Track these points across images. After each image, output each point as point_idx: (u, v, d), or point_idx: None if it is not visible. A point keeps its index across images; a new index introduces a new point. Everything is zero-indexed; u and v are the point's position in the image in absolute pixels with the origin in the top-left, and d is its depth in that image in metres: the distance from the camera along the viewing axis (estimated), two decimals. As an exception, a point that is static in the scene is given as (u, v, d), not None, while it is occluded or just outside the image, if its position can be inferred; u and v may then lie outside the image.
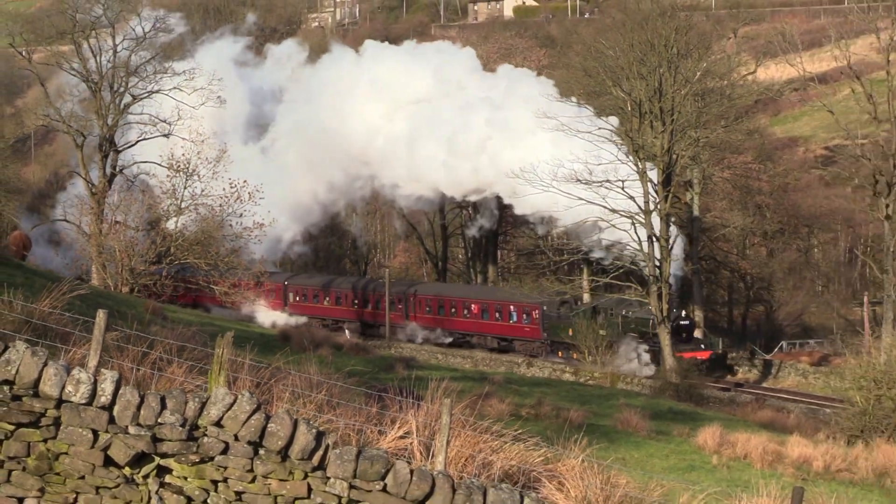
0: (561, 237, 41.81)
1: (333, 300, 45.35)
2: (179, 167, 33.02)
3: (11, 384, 6.07)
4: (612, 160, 32.83)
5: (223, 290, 33.10)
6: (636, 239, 34.37)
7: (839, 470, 16.80)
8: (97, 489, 6.13)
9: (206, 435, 6.02)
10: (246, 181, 34.35)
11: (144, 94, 34.60)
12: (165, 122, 33.66)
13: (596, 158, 32.76)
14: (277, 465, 6.01)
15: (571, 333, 35.68)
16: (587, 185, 33.18)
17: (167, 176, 33.59)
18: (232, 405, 6.02)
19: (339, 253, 58.74)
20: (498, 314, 40.37)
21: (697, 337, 37.03)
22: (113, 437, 6.03)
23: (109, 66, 34.72)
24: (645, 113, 34.82)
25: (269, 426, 6.00)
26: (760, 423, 22.31)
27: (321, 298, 45.78)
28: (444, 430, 6.26)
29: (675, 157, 35.33)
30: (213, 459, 6.03)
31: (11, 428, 6.09)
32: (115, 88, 34.67)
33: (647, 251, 34.19)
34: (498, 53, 55.03)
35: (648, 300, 34.49)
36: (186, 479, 6.08)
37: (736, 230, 45.47)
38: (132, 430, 6.01)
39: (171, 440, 6.00)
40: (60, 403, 6.06)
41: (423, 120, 45.01)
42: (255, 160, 46.61)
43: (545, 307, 38.38)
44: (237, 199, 33.82)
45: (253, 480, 6.05)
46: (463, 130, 43.12)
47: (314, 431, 6.04)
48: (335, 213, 52.33)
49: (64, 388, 6.04)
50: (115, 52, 34.92)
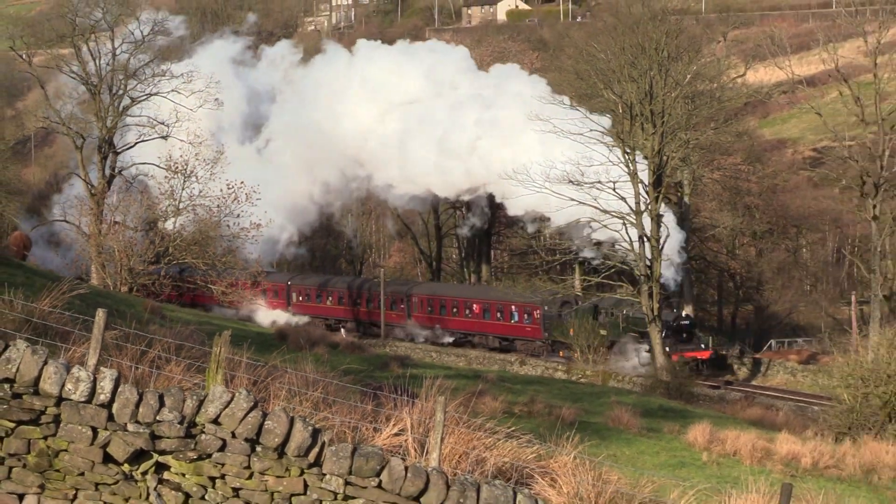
0: (553, 237, 41.92)
1: (336, 300, 45.26)
2: (177, 168, 32.98)
3: (12, 382, 6.11)
4: (603, 161, 33.00)
5: (221, 289, 33.05)
6: (627, 239, 34.56)
7: (827, 466, 16.95)
8: (96, 486, 6.16)
9: (203, 432, 6.06)
10: (243, 182, 34.33)
11: (143, 96, 34.74)
12: (164, 123, 33.75)
13: (588, 160, 32.91)
14: (274, 461, 6.04)
15: (572, 333, 35.63)
16: (579, 186, 33.34)
17: (165, 177, 33.59)
18: (229, 403, 6.05)
19: (334, 253, 58.69)
20: (499, 314, 40.24)
21: (698, 336, 37.08)
22: (112, 434, 6.07)
23: (108, 68, 34.88)
24: (636, 115, 35.01)
25: (265, 424, 6.03)
26: (750, 420, 22.43)
27: (324, 298, 45.70)
28: (438, 427, 6.31)
29: (665, 158, 35.53)
30: (210, 456, 6.07)
31: (12, 425, 6.12)
32: (114, 91, 34.81)
33: (638, 251, 34.41)
34: (491, 57, 55.22)
35: (639, 299, 34.69)
36: (184, 475, 6.12)
37: (726, 230, 45.73)
38: (131, 427, 6.04)
39: (169, 437, 6.04)
40: (60, 401, 6.10)
41: (414, 121, 44.97)
42: (251, 160, 46.57)
43: (546, 307, 38.26)
44: (234, 199, 33.81)
45: (250, 477, 6.09)
46: (454, 130, 43.08)
47: (310, 429, 6.07)
48: (330, 213, 52.35)
49: (64, 386, 6.08)
50: (114, 55, 35.04)
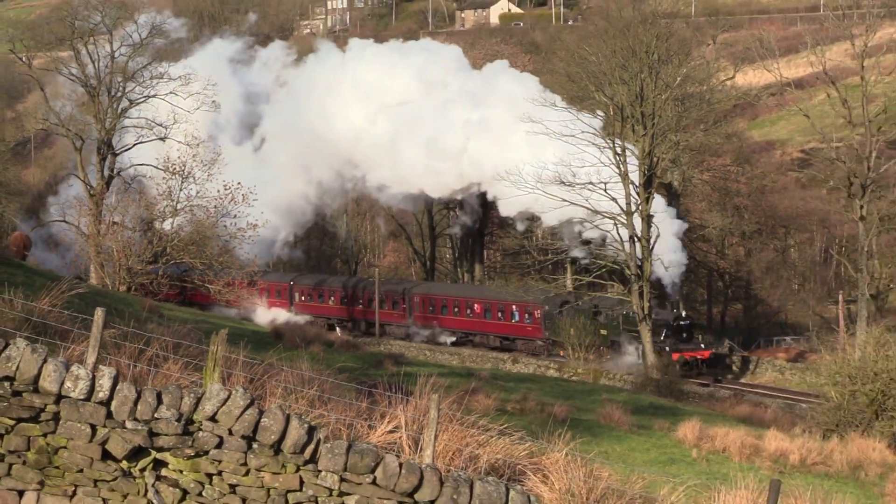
0: (546, 237, 42.03)
1: (338, 300, 45.29)
2: (175, 170, 33.03)
3: (12, 380, 6.15)
4: (595, 163, 33.20)
5: (217, 288, 33.09)
6: (618, 239, 34.77)
7: (815, 463, 17.08)
8: (95, 482, 6.21)
9: (200, 429, 6.11)
10: (240, 183, 34.41)
11: (141, 98, 34.89)
12: (161, 125, 33.86)
13: (580, 161, 33.10)
14: (270, 458, 6.10)
15: (571, 332, 35.85)
16: (570, 187, 33.52)
17: (163, 178, 33.68)
18: (226, 400, 6.12)
19: (329, 253, 58.65)
20: (500, 314, 40.26)
21: (698, 337, 37.16)
22: (111, 431, 6.12)
23: (107, 71, 35.05)
24: (627, 117, 35.22)
25: (262, 421, 6.09)
26: (739, 417, 22.57)
27: (326, 298, 45.73)
28: (432, 424, 6.37)
29: (655, 159, 35.78)
30: (207, 453, 6.13)
31: (12, 423, 6.17)
32: (112, 93, 34.96)
33: (628, 251, 34.62)
34: (484, 59, 55.54)
35: (630, 298, 34.89)
36: (182, 472, 6.18)
37: (715, 230, 46.09)
38: (129, 424, 6.09)
39: (167, 434, 6.09)
40: (60, 399, 6.14)
41: (405, 121, 45.01)
42: (247, 160, 46.62)
43: (547, 307, 38.30)
44: (231, 200, 33.89)
45: (246, 473, 6.15)
46: (445, 129, 43.13)
47: (306, 426, 6.13)
48: (324, 213, 52.35)
49: (63, 383, 6.12)
50: (112, 57, 35.19)
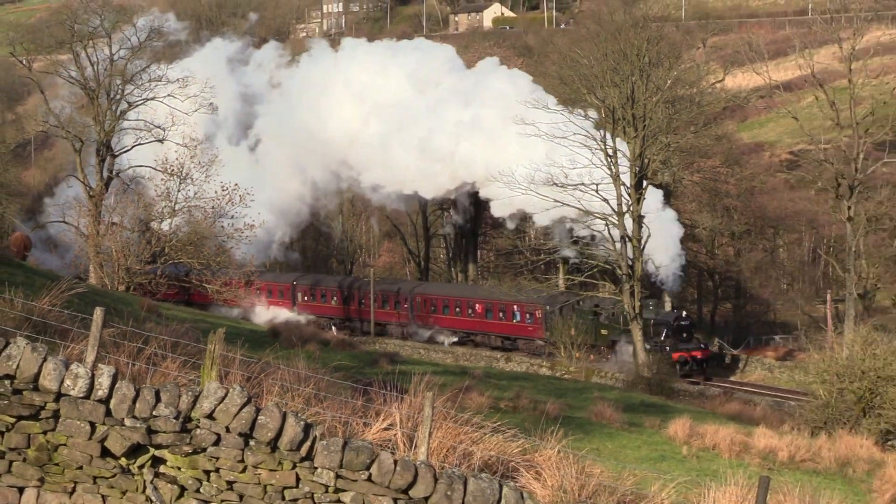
0: (538, 237, 42.18)
1: (341, 300, 45.29)
2: (173, 171, 33.15)
3: (12, 378, 6.20)
4: (586, 164, 33.42)
5: (215, 288, 33.15)
6: (610, 239, 34.98)
7: (803, 460, 17.21)
8: (94, 479, 6.27)
9: (198, 427, 6.17)
10: (237, 184, 34.55)
11: (140, 101, 35.06)
12: (160, 127, 33.98)
13: (572, 162, 33.30)
14: (267, 455, 6.17)
15: (573, 333, 35.93)
16: (563, 188, 33.71)
17: (161, 179, 33.80)
18: (224, 398, 6.18)
19: (325, 253, 58.63)
20: (502, 314, 40.28)
21: (697, 336, 37.31)
22: (110, 429, 6.17)
23: (106, 74, 35.19)
24: (618, 119, 35.46)
25: (259, 419, 6.15)
26: (728, 415, 22.78)
27: (328, 298, 45.73)
28: (426, 422, 6.44)
29: (646, 161, 36.03)
30: (205, 450, 6.19)
31: (12, 420, 6.22)
32: (111, 96, 35.09)
33: (619, 251, 34.84)
34: (477, 62, 55.40)
35: (621, 297, 35.12)
36: (180, 469, 6.24)
37: (705, 231, 46.43)
38: (128, 422, 6.15)
39: (165, 432, 6.16)
40: (59, 397, 6.20)
41: (398, 122, 45.04)
42: (243, 160, 46.65)
43: (548, 307, 38.43)
44: (228, 201, 34.01)
45: (244, 470, 6.21)
46: (437, 130, 43.18)
47: (302, 423, 6.20)
48: (319, 214, 52.35)
49: (63, 382, 6.18)
50: (111, 60, 35.31)
